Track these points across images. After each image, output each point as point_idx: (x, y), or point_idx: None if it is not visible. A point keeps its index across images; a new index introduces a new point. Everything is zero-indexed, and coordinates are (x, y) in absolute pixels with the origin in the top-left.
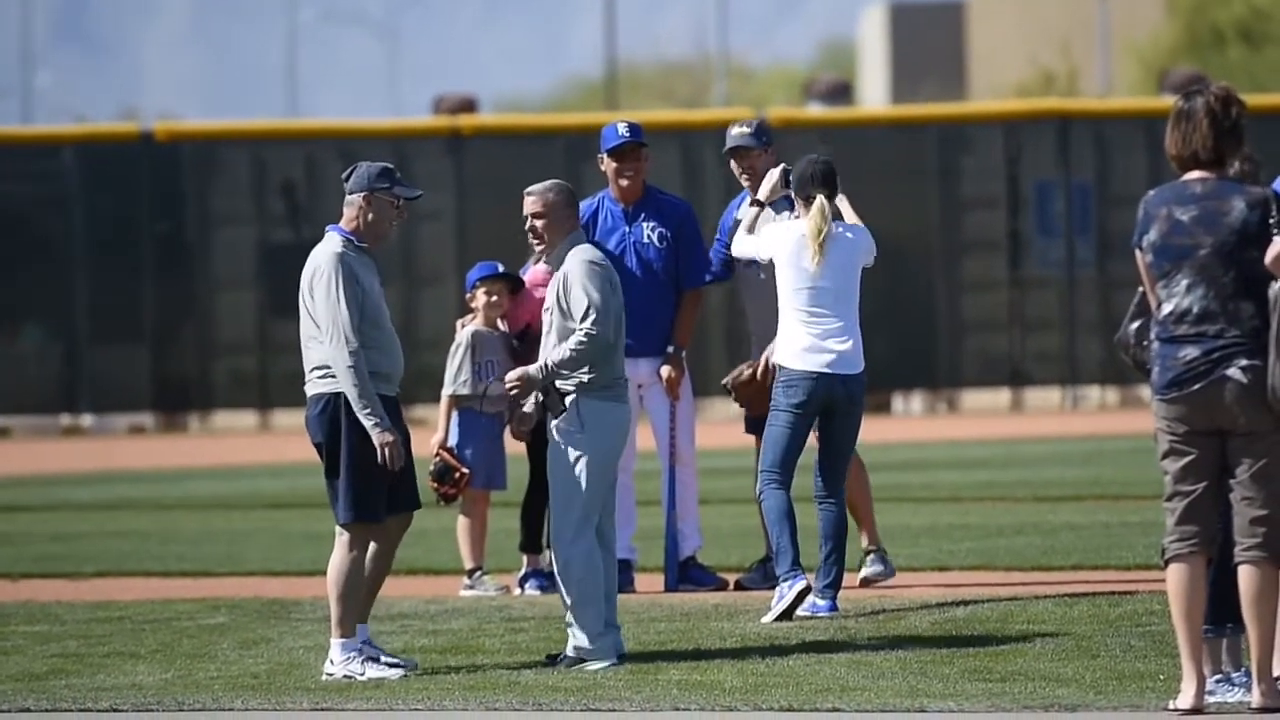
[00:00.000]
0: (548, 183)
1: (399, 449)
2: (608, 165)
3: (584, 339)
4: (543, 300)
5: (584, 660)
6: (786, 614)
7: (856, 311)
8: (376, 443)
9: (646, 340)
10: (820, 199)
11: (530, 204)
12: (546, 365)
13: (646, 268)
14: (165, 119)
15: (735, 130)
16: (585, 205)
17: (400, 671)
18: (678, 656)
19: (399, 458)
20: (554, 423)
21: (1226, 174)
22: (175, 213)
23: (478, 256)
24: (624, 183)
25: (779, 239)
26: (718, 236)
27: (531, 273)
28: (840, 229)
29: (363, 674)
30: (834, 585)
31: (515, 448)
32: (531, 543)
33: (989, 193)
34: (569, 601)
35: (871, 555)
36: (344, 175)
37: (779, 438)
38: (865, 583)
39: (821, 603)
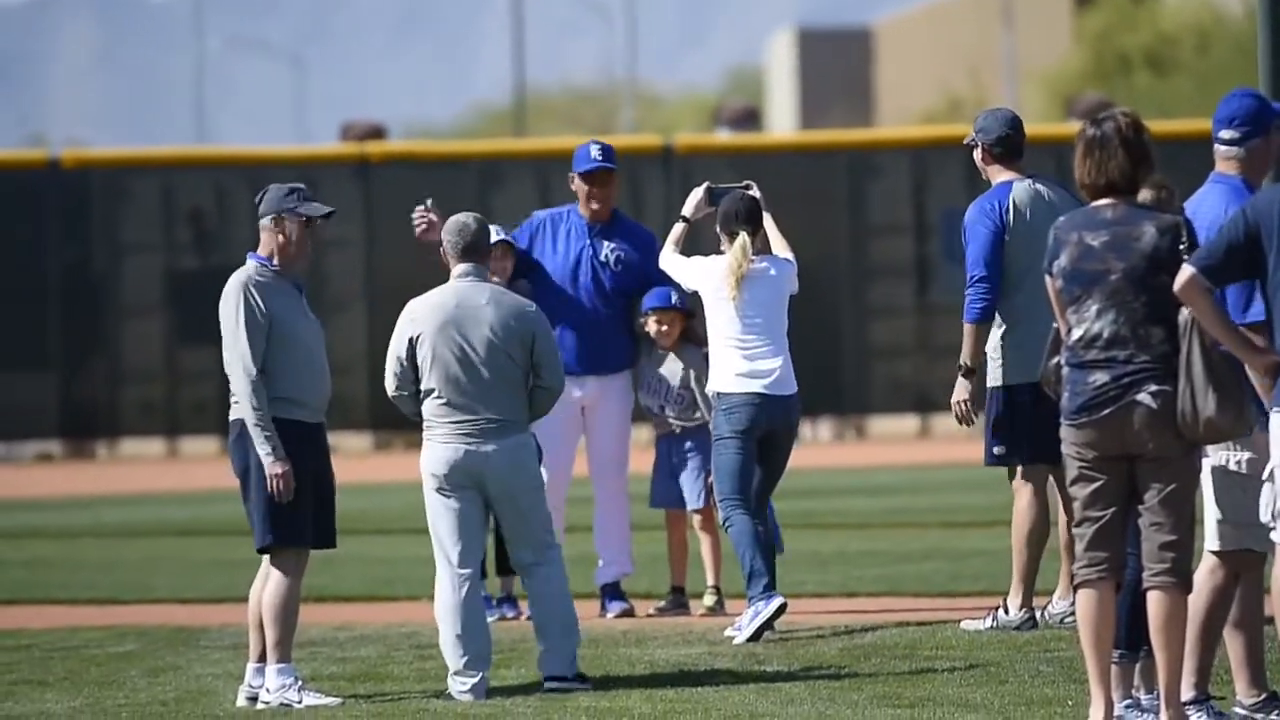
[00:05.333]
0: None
1: (290, 481)
2: (578, 186)
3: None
4: None
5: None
6: (758, 634)
7: (785, 340)
8: (267, 473)
9: (593, 359)
10: (743, 236)
11: None
12: None
13: (599, 287)
14: (73, 146)
15: None
16: (550, 213)
17: (337, 700)
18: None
19: (289, 491)
20: None
21: (1135, 200)
22: (83, 240)
23: (386, 284)
24: (595, 205)
25: (704, 274)
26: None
27: None
28: (762, 263)
29: (300, 702)
30: (772, 585)
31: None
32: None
33: (897, 219)
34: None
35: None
36: (256, 200)
37: (729, 464)
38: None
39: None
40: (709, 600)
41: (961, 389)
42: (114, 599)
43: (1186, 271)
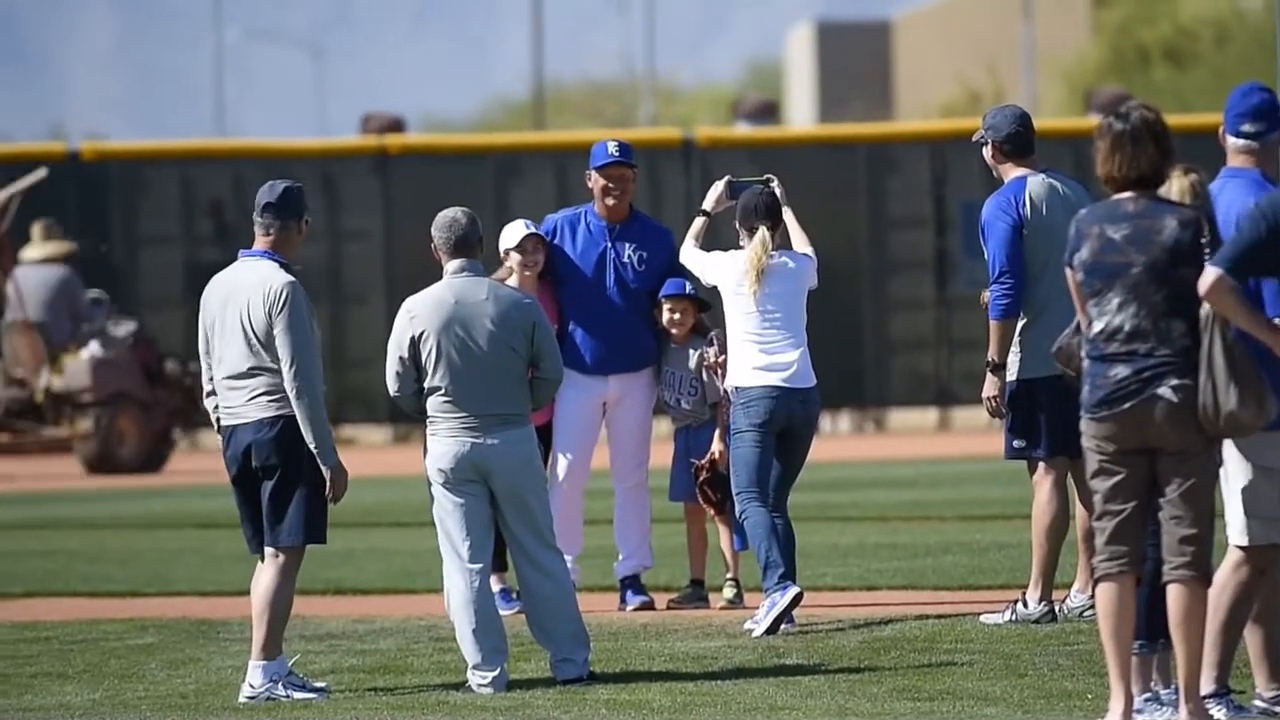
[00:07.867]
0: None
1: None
2: (595, 182)
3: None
4: None
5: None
6: (775, 625)
7: (804, 333)
8: (333, 476)
9: (620, 359)
10: (762, 230)
11: None
12: None
13: (624, 287)
14: (92, 138)
15: None
16: (565, 215)
17: (321, 696)
18: (606, 676)
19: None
20: None
21: (1157, 193)
22: (102, 232)
23: (405, 276)
24: (610, 201)
25: (724, 268)
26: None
27: None
28: (781, 258)
29: (287, 697)
30: (789, 576)
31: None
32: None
33: (916, 212)
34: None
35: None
36: (272, 199)
37: (747, 458)
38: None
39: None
40: (728, 593)
41: (991, 385)
42: (134, 591)
43: (1212, 273)
